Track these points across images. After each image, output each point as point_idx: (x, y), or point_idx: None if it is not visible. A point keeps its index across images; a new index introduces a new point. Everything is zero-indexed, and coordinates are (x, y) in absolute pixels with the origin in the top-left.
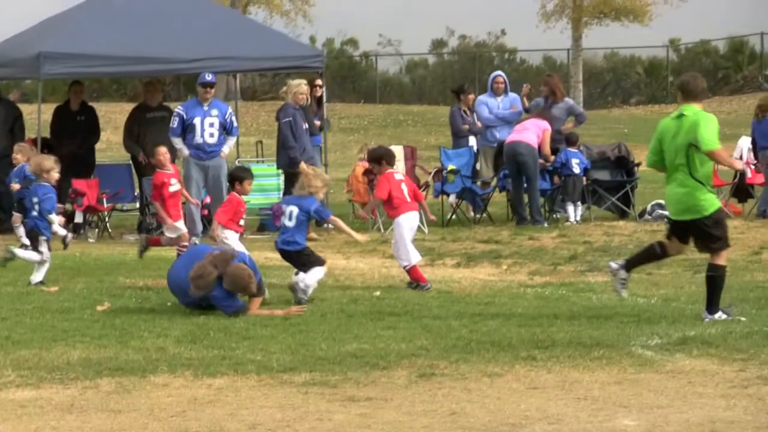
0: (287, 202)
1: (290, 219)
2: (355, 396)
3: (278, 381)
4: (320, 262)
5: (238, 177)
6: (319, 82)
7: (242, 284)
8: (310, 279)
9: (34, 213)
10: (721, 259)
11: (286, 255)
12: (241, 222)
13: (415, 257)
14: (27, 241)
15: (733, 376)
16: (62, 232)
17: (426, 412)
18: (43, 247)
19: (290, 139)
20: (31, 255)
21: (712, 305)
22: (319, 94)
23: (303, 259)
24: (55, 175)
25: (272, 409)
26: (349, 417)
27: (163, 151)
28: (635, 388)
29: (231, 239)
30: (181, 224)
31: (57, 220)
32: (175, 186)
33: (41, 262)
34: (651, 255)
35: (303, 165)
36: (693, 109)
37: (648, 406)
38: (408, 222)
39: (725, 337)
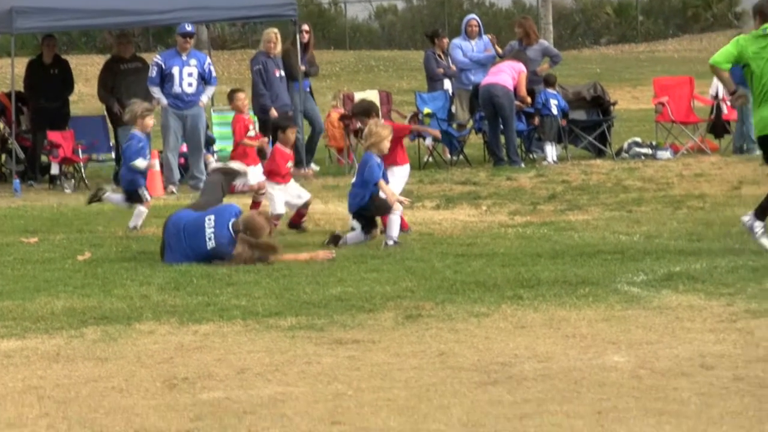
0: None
1: (355, 175)
2: (343, 339)
3: (264, 326)
4: (387, 210)
5: (281, 126)
6: (305, 27)
7: (257, 227)
8: (394, 232)
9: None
10: None
11: (354, 214)
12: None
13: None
14: None
15: (721, 311)
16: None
17: (414, 353)
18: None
19: (260, 86)
20: (118, 198)
21: (761, 214)
22: (306, 39)
23: (364, 214)
24: (149, 122)
25: (260, 353)
26: (337, 360)
27: (242, 97)
28: (623, 325)
29: (276, 194)
30: (254, 170)
31: (141, 164)
32: (251, 132)
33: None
34: None
35: (273, 111)
36: None
37: (637, 343)
38: (405, 172)
39: (711, 272)
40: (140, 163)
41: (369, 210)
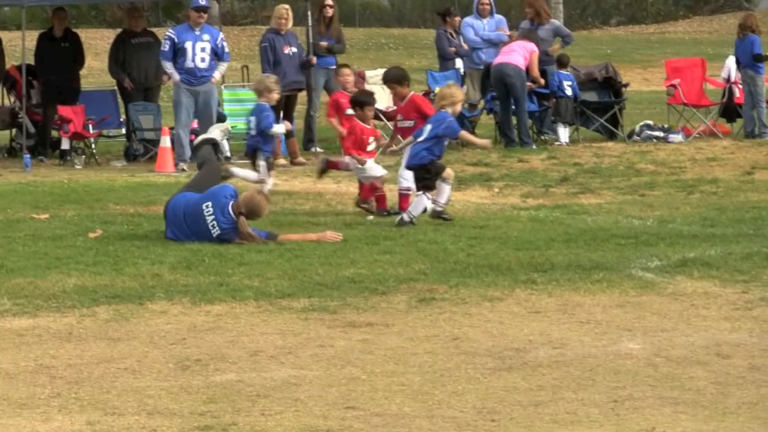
0: (428, 120)
1: (422, 135)
2: (356, 322)
3: (277, 307)
4: (431, 187)
5: (359, 102)
6: (329, 2)
7: (258, 207)
8: (415, 210)
9: (253, 132)
10: None
11: (414, 170)
12: (370, 148)
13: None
14: None
15: (736, 298)
16: (252, 175)
17: (428, 337)
18: (262, 166)
19: (263, 65)
20: (248, 174)
21: None
22: (330, 14)
23: (426, 173)
24: (276, 96)
25: (273, 335)
26: (351, 343)
27: (347, 72)
28: (638, 312)
29: (369, 165)
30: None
31: (281, 129)
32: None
33: (259, 181)
34: None
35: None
36: None
37: (652, 330)
38: None
39: (725, 258)
40: (279, 128)
41: (425, 172)
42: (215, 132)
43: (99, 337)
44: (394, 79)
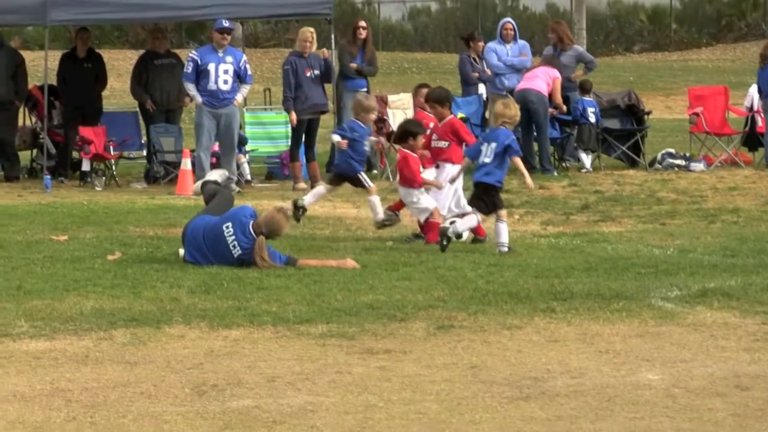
0: (486, 139)
1: (487, 155)
2: (374, 348)
3: (295, 333)
4: (490, 210)
5: (412, 132)
6: (363, 23)
7: (278, 227)
8: (462, 226)
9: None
10: None
11: (481, 187)
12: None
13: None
14: None
15: (756, 329)
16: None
17: (446, 365)
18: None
19: (284, 88)
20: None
21: None
22: (363, 36)
23: (489, 197)
24: (373, 116)
25: (290, 361)
26: (368, 370)
27: (422, 93)
28: (657, 342)
29: (423, 198)
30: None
31: (335, 138)
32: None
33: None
34: None
35: (293, 115)
36: None
37: (671, 360)
38: (456, 170)
39: (746, 289)
40: (335, 136)
41: (484, 195)
42: (215, 174)
43: (116, 361)
44: (437, 99)
